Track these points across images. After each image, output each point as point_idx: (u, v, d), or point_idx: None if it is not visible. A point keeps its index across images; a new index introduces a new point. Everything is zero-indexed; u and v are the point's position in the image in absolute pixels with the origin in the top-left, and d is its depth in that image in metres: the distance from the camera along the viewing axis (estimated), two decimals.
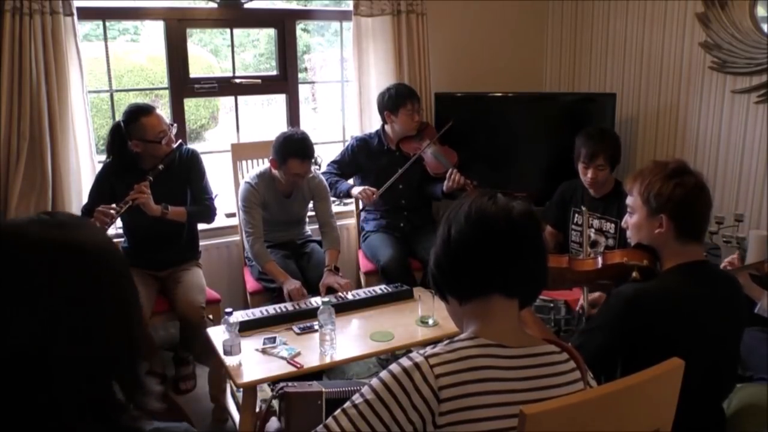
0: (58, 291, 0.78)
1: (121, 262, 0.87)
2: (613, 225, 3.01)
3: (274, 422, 1.83)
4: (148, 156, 2.89)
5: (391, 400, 1.09)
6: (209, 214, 3.10)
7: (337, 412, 1.13)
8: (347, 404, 1.13)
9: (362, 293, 2.91)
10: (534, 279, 1.24)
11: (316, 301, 2.78)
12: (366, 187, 3.39)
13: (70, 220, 0.86)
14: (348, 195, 3.50)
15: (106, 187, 2.90)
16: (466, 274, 1.21)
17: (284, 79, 3.74)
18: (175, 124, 3.03)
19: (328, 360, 2.39)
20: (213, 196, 3.12)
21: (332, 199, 3.42)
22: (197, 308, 2.85)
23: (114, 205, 2.75)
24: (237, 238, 3.50)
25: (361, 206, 3.64)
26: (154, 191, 2.82)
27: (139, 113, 2.85)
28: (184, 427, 0.91)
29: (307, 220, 3.43)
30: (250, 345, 2.44)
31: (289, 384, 1.93)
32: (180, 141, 3.01)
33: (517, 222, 1.19)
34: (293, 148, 3.00)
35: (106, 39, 3.35)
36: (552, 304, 2.60)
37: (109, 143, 2.92)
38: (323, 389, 1.89)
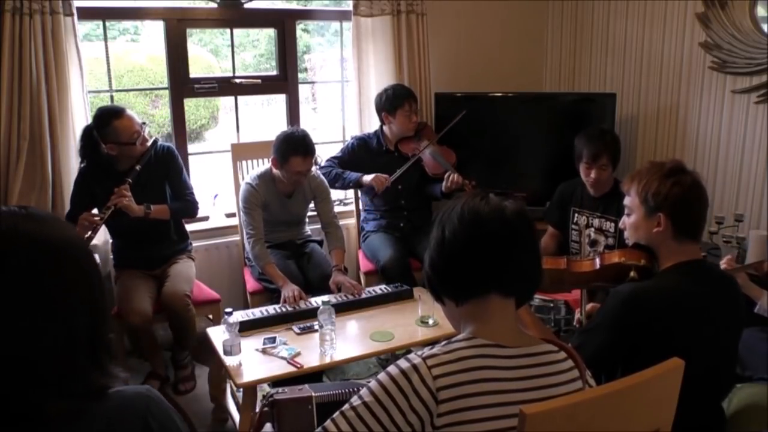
0: (28, 281, 0.84)
1: (88, 254, 0.94)
2: (612, 224, 3.01)
3: (268, 428, 1.85)
4: (123, 157, 2.88)
5: (390, 402, 1.09)
6: (192, 209, 3.09)
7: (336, 414, 1.13)
8: (345, 407, 1.13)
9: (362, 293, 2.91)
10: (529, 277, 1.24)
11: (316, 301, 2.78)
12: (378, 174, 3.36)
13: (40, 214, 0.91)
14: (358, 184, 3.45)
15: (85, 193, 2.90)
16: (461, 275, 1.21)
17: (284, 79, 3.74)
18: (146, 122, 3.00)
19: (328, 360, 2.39)
20: (193, 190, 3.11)
21: (333, 199, 3.42)
22: (181, 296, 2.83)
23: (96, 212, 2.75)
24: (237, 238, 3.50)
25: (361, 203, 3.64)
26: (133, 192, 2.83)
27: (110, 117, 2.83)
28: (145, 389, 0.97)
29: (307, 220, 3.42)
30: (250, 345, 2.44)
31: (280, 390, 1.94)
32: (155, 138, 2.99)
33: (510, 221, 1.19)
34: (294, 145, 3.00)
35: (106, 39, 3.35)
36: (552, 304, 2.61)
37: (81, 148, 2.90)
38: (312, 393, 1.90)
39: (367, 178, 3.36)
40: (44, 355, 0.85)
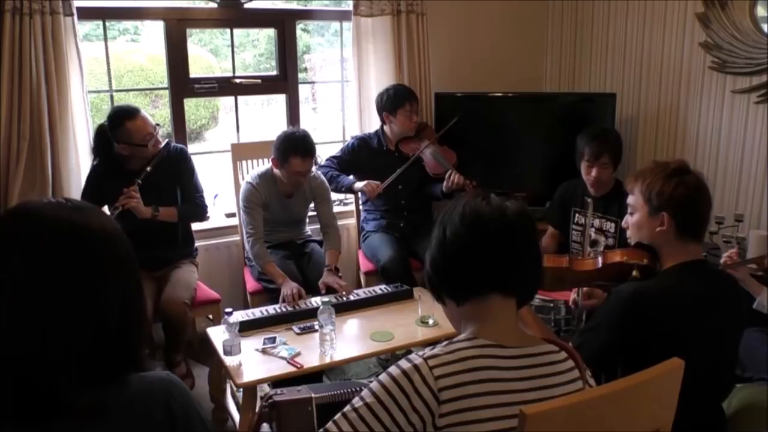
0: (69, 269, 0.87)
1: (127, 246, 0.96)
2: (613, 224, 3.01)
3: (265, 427, 1.84)
4: (134, 158, 2.88)
5: (391, 403, 1.09)
6: (201, 213, 3.09)
7: (338, 415, 1.13)
8: (347, 407, 1.13)
9: (362, 293, 2.91)
10: (530, 277, 1.25)
11: (316, 301, 2.78)
12: (369, 180, 3.37)
13: (83, 205, 0.94)
14: (350, 190, 3.47)
15: (95, 190, 2.90)
16: (463, 275, 1.21)
17: (284, 79, 3.74)
18: (161, 125, 3.00)
19: (328, 360, 2.39)
20: (204, 194, 3.11)
21: (333, 199, 3.42)
22: (179, 303, 2.81)
23: (105, 211, 2.75)
24: (237, 238, 3.50)
25: (361, 203, 3.64)
26: (143, 192, 2.82)
27: (123, 117, 2.83)
28: (165, 374, 0.98)
29: (307, 220, 3.43)
30: (250, 345, 2.44)
31: (278, 391, 1.93)
32: (167, 140, 2.99)
33: (512, 221, 1.19)
34: (294, 145, 3.00)
35: (106, 39, 3.35)
36: (552, 304, 2.60)
37: (94, 146, 2.92)
38: (312, 395, 1.89)
39: (359, 184, 3.38)
40: (75, 342, 0.86)
